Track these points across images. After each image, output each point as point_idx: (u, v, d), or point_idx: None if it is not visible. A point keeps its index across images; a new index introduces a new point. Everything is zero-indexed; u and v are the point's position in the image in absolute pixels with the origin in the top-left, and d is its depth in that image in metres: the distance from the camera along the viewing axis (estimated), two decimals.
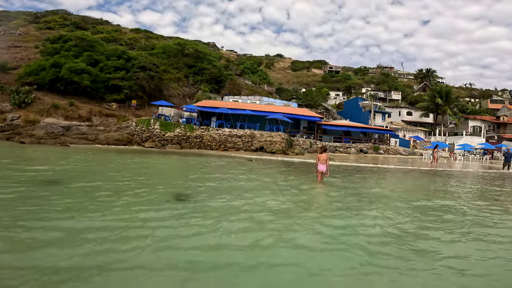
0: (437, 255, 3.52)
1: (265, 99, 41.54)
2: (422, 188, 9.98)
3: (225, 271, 2.80)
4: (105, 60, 27.50)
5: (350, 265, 3.06)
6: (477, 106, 57.05)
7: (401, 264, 3.17)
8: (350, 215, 5.21)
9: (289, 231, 4.10)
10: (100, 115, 22.48)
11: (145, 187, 6.73)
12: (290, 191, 7.84)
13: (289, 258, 3.16)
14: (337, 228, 4.37)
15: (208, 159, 15.16)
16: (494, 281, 2.99)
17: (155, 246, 3.27)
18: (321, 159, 9.24)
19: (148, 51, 42.42)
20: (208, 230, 3.94)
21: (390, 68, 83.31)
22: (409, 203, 6.68)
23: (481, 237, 4.37)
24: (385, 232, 4.28)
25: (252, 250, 3.36)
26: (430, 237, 4.18)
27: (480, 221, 5.36)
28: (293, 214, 5.10)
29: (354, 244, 3.65)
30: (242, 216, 4.76)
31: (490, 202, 7.54)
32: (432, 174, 14.85)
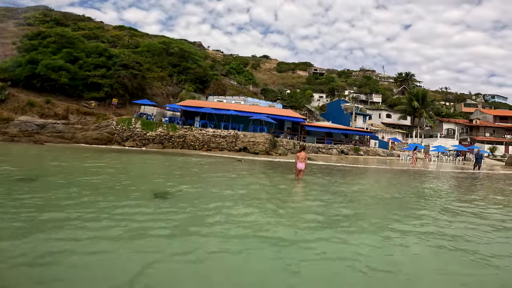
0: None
1: (249, 100, 41.77)
2: (390, 186, 10.53)
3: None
4: (85, 58, 26.76)
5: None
6: (452, 109, 60.09)
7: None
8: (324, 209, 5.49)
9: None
10: (78, 113, 21.84)
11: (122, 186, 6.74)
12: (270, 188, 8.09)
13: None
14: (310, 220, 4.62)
15: (202, 159, 15.17)
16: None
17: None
18: (300, 157, 9.65)
19: (131, 49, 41.61)
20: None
21: (372, 72, 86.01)
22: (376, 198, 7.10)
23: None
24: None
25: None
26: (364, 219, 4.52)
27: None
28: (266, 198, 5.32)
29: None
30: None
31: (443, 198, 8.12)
32: (406, 173, 15.62)
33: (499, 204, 7.46)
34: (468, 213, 6.01)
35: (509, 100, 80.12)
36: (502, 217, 5.83)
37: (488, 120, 49.60)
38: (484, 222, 5.29)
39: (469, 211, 6.16)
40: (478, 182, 13.62)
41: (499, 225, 5.10)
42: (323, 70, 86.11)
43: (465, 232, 4.52)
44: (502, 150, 44.83)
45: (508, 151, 44.79)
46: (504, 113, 52.47)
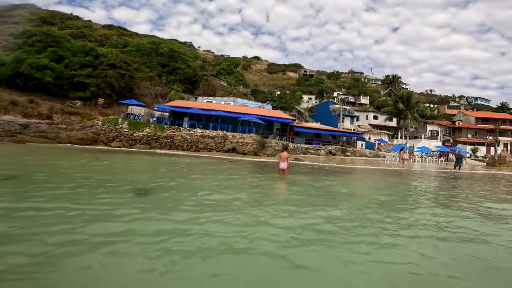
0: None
1: (239, 101, 41.93)
2: (374, 185, 10.92)
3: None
4: (71, 57, 26.34)
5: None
6: (436, 111, 61.95)
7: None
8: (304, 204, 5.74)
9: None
10: (62, 113, 21.48)
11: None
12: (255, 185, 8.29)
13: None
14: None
15: (196, 160, 15.21)
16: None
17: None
18: (282, 157, 9.87)
19: (120, 49, 41.12)
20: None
21: (361, 74, 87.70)
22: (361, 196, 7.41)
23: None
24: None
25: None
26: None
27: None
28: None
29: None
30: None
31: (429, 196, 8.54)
32: (389, 172, 16.13)
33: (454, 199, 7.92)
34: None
35: (491, 102, 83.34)
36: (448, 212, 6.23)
37: (470, 121, 51.39)
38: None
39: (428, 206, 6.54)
40: (453, 181, 14.22)
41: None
42: (313, 72, 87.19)
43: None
44: (484, 151, 46.50)
45: (490, 152, 46.50)
46: (485, 115, 54.45)
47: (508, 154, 36.09)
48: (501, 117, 53.09)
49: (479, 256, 3.55)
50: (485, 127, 49.92)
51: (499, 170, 26.55)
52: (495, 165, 31.76)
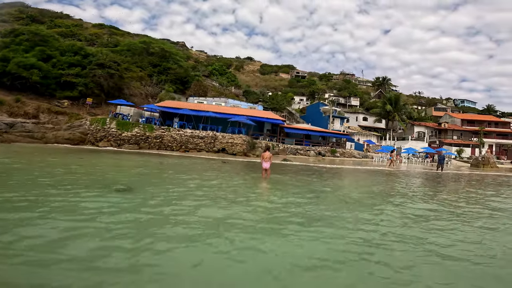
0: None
1: (230, 101, 42.12)
2: (356, 184, 11.31)
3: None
4: (59, 56, 26.10)
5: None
6: (423, 113, 63.37)
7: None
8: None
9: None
10: (49, 112, 21.29)
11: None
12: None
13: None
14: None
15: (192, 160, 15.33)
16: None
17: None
18: (265, 157, 10.13)
19: (110, 48, 40.81)
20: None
21: (352, 75, 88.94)
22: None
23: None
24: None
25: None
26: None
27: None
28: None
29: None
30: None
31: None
32: (374, 172, 16.62)
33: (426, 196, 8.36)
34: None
35: (478, 104, 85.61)
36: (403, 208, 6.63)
37: (456, 123, 52.77)
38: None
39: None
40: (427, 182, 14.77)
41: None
42: (305, 73, 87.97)
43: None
44: (469, 152, 47.79)
45: (474, 153, 47.78)
46: (471, 117, 56.00)
47: (492, 156, 37.26)
48: (486, 119, 54.67)
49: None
50: (470, 128, 51.32)
51: (483, 171, 27.46)
52: (479, 166, 32.70)
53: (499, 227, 5.43)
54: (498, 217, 6.34)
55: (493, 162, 34.02)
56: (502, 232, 5.12)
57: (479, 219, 6.00)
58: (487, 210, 6.99)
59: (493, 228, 5.31)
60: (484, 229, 5.19)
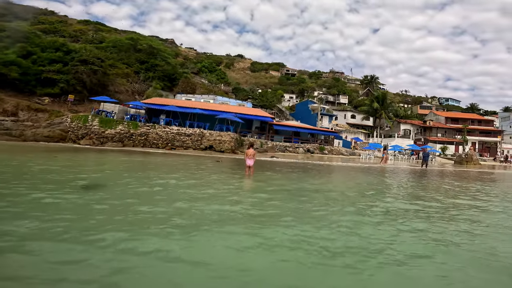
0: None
1: (219, 98, 41.82)
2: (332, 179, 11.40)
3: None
4: (40, 52, 25.24)
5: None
6: (409, 111, 64.69)
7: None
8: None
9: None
10: (29, 109, 20.55)
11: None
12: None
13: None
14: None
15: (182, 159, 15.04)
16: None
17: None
18: (249, 154, 10.08)
19: (95, 45, 39.75)
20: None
21: (341, 74, 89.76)
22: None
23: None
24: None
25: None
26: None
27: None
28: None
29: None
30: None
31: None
32: (357, 170, 16.83)
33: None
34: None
35: (462, 103, 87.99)
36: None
37: (440, 121, 54.05)
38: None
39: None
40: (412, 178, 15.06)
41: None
42: (295, 71, 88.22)
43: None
44: (453, 150, 49.06)
45: (458, 151, 49.09)
46: (455, 115, 57.48)
47: (475, 153, 38.32)
48: (470, 117, 56.23)
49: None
50: (454, 126, 52.66)
51: (466, 168, 28.23)
52: (462, 163, 33.53)
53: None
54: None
55: (476, 159, 34.97)
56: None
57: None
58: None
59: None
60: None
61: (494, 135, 52.28)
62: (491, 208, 7.01)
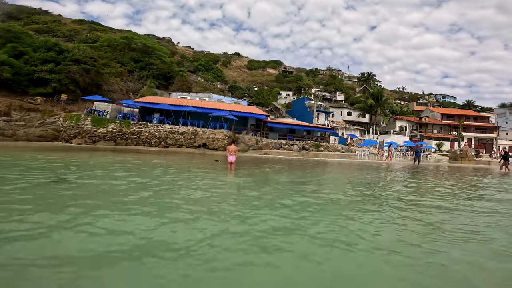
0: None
1: (215, 97, 41.86)
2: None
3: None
4: (32, 52, 25.26)
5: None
6: (406, 108, 64.73)
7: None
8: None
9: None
10: (21, 109, 20.57)
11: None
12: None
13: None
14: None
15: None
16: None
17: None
18: (230, 150, 10.16)
19: (89, 44, 39.72)
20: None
21: (338, 71, 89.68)
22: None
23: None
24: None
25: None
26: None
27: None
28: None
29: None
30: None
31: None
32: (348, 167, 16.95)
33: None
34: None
35: (459, 100, 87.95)
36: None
37: (436, 118, 54.10)
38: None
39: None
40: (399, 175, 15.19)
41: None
42: (292, 69, 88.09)
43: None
44: (448, 146, 49.18)
45: (454, 147, 49.23)
46: (450, 112, 57.52)
47: (470, 149, 38.39)
48: (465, 113, 56.28)
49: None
50: (450, 123, 52.73)
51: (460, 164, 28.30)
52: (457, 159, 33.55)
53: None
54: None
55: (471, 155, 35.02)
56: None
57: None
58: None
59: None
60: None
61: (490, 131, 52.40)
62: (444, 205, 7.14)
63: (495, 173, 17.32)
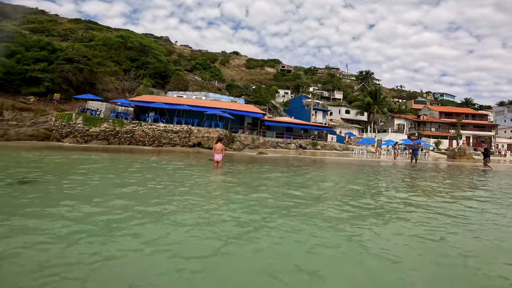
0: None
1: (211, 95, 41.67)
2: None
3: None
4: (24, 51, 25.04)
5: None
6: (404, 106, 64.58)
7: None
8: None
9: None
10: (13, 109, 20.34)
11: None
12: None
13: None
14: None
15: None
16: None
17: None
18: (217, 149, 9.98)
19: (84, 43, 39.51)
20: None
21: (337, 70, 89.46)
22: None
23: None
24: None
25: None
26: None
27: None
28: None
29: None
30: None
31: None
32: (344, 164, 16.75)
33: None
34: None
35: (457, 98, 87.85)
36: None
37: (434, 116, 53.94)
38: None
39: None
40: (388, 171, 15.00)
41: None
42: (291, 67, 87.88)
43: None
44: (446, 144, 49.02)
45: (452, 145, 49.08)
46: (448, 110, 57.36)
47: (468, 147, 38.19)
48: (463, 111, 56.14)
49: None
50: (448, 121, 52.58)
51: (459, 162, 28.13)
52: (456, 158, 33.33)
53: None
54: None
55: (469, 153, 34.80)
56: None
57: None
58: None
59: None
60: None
61: (488, 129, 52.27)
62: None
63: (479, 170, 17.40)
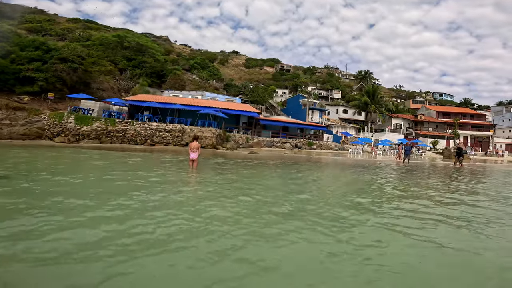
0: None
1: (207, 94, 41.78)
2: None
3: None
4: (19, 51, 25.26)
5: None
6: (402, 106, 64.37)
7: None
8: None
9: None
10: (7, 108, 20.51)
11: None
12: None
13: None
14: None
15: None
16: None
17: None
18: (192, 147, 9.83)
19: (81, 43, 39.71)
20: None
21: (336, 69, 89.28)
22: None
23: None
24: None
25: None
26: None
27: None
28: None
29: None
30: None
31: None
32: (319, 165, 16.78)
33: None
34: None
35: (457, 98, 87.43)
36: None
37: (432, 116, 53.70)
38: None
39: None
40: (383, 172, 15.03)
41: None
42: (290, 67, 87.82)
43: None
44: (444, 144, 48.82)
45: (449, 145, 48.88)
46: (446, 109, 57.09)
47: (465, 147, 38.04)
48: (461, 111, 55.86)
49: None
50: (445, 120, 52.35)
51: (454, 161, 27.95)
52: (451, 157, 33.29)
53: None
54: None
55: (466, 153, 34.70)
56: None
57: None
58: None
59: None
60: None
61: (486, 129, 52.00)
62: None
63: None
